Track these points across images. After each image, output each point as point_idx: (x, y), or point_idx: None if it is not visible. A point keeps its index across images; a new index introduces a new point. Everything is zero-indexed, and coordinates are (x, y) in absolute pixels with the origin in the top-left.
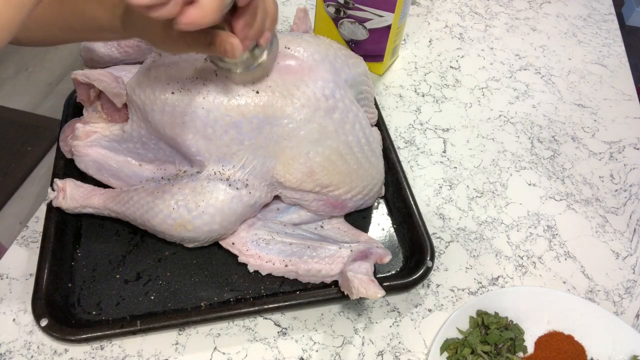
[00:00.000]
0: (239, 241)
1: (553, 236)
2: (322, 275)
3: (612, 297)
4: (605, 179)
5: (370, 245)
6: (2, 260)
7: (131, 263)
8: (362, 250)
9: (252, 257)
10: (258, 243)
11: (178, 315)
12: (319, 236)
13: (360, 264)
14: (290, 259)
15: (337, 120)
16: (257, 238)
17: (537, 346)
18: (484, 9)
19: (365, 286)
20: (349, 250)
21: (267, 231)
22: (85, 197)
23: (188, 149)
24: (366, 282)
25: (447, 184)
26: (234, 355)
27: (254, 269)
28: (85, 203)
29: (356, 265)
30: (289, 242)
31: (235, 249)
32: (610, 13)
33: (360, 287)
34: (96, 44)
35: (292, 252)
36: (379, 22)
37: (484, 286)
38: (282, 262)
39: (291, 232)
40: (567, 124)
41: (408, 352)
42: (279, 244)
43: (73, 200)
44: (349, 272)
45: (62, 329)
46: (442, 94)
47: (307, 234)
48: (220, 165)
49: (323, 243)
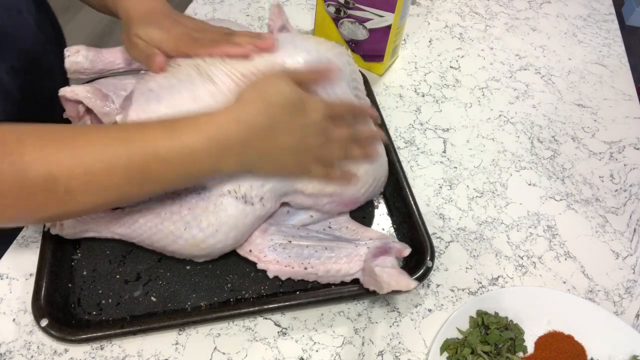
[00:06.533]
0: (255, 248)
1: (553, 236)
2: (342, 274)
3: (612, 297)
4: (605, 179)
5: (387, 241)
6: (2, 260)
7: (131, 263)
8: (380, 246)
9: (271, 263)
10: (275, 248)
11: (178, 316)
12: (333, 236)
13: (384, 259)
14: (309, 261)
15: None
16: (273, 243)
17: (537, 346)
18: (484, 9)
19: (396, 279)
20: (366, 247)
21: (283, 235)
22: (83, 222)
23: None
24: (396, 275)
25: (447, 184)
26: (234, 355)
27: (273, 275)
28: (85, 227)
29: (381, 260)
30: (305, 244)
31: (253, 256)
32: (610, 13)
33: (391, 280)
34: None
35: (310, 254)
36: (379, 22)
37: (484, 286)
38: (301, 265)
39: (305, 234)
40: (567, 124)
41: (408, 352)
42: (296, 247)
43: (70, 227)
44: (376, 268)
45: (62, 329)
46: (442, 94)
47: (321, 235)
48: (237, 184)
49: (339, 243)
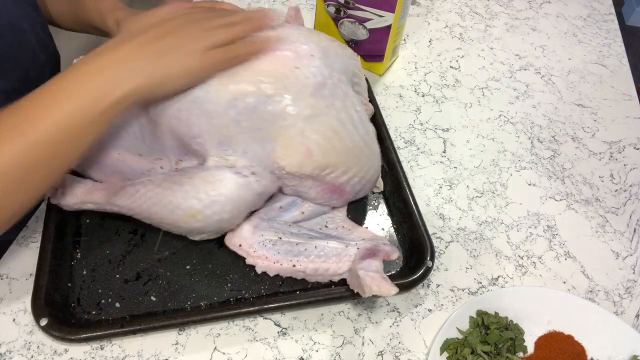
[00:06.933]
0: (245, 243)
1: (553, 236)
2: (330, 274)
3: (612, 297)
4: (605, 179)
5: (377, 243)
6: (2, 260)
7: (131, 263)
8: (369, 247)
9: (260, 259)
10: (265, 244)
11: (178, 315)
12: (325, 235)
13: (370, 262)
14: (298, 258)
15: (326, 96)
16: (263, 239)
17: (537, 346)
18: (484, 9)
19: (378, 284)
20: (356, 248)
21: (273, 232)
22: (86, 192)
23: (189, 128)
24: (378, 280)
25: (447, 184)
26: (234, 355)
27: (261, 270)
28: (86, 199)
29: (366, 263)
30: (295, 242)
31: (243, 250)
32: (610, 13)
33: (373, 285)
34: None
35: (299, 251)
36: (379, 22)
37: (484, 286)
38: (290, 262)
39: (297, 231)
40: (567, 124)
41: (408, 352)
42: (286, 244)
43: (73, 196)
44: (360, 271)
45: (62, 329)
46: (442, 94)
47: (313, 233)
48: (222, 150)
49: (329, 242)
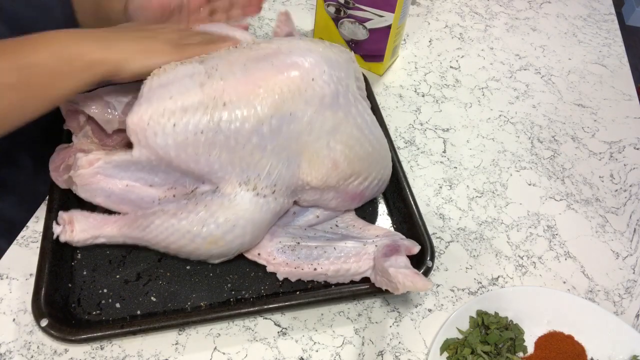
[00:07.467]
0: (264, 251)
1: (553, 236)
2: (352, 273)
3: (612, 297)
4: (605, 179)
5: (395, 238)
6: (2, 260)
7: (131, 263)
8: (389, 244)
9: (281, 265)
10: (284, 250)
11: (178, 315)
12: (340, 235)
13: (396, 258)
14: (319, 261)
15: (342, 104)
16: (282, 246)
17: (537, 346)
18: (484, 9)
19: (412, 279)
20: (374, 245)
21: (290, 237)
22: (96, 226)
23: (210, 166)
24: (412, 276)
25: (447, 184)
26: (234, 355)
27: (283, 277)
28: (97, 233)
29: (393, 259)
30: (314, 245)
31: (262, 259)
32: (610, 13)
33: (407, 281)
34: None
35: (319, 254)
36: (379, 22)
37: (484, 286)
38: (311, 266)
39: (313, 235)
40: (567, 124)
41: (408, 352)
42: (304, 248)
43: (83, 232)
44: (390, 269)
45: (62, 329)
46: (442, 94)
47: (329, 235)
48: (245, 176)
49: (347, 242)
